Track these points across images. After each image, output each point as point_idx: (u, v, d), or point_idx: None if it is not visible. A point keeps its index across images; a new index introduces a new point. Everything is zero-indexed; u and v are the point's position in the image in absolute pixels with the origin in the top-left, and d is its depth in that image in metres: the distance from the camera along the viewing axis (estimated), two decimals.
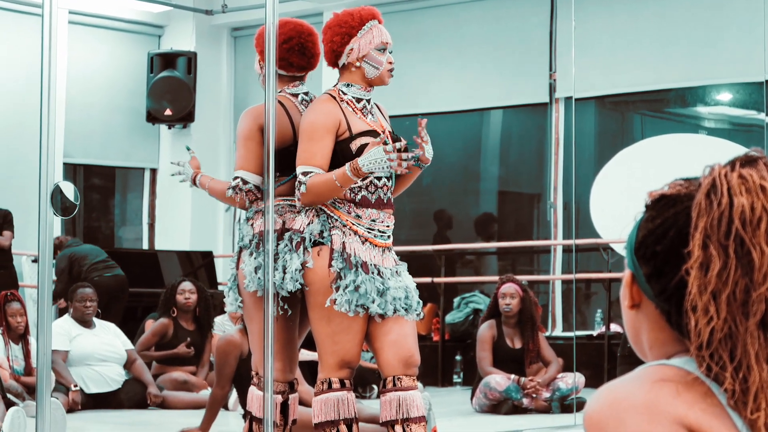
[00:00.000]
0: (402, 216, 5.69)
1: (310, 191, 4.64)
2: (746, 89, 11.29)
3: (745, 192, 1.52)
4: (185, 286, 9.41)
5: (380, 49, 4.83)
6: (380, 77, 4.85)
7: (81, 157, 12.92)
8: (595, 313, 11.06)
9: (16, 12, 12.02)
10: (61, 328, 8.84)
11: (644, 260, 1.60)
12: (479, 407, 8.63)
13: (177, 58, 12.72)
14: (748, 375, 1.50)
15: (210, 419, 7.15)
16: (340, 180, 4.64)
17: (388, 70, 4.85)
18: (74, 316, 8.96)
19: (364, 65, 4.82)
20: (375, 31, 4.83)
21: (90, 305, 8.97)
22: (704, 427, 1.48)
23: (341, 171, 4.63)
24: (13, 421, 6.18)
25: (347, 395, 4.73)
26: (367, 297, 4.65)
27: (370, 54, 4.81)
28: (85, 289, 9.03)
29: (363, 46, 4.81)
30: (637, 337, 1.66)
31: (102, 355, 8.89)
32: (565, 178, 11.38)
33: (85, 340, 8.89)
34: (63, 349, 8.75)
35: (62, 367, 8.62)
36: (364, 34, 4.81)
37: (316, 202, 4.70)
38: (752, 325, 1.51)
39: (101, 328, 9.10)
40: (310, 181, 4.64)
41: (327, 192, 4.66)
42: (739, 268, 1.51)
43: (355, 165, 4.61)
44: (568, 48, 10.37)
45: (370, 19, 4.84)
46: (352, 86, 4.85)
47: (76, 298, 8.95)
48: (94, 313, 9.04)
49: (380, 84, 4.87)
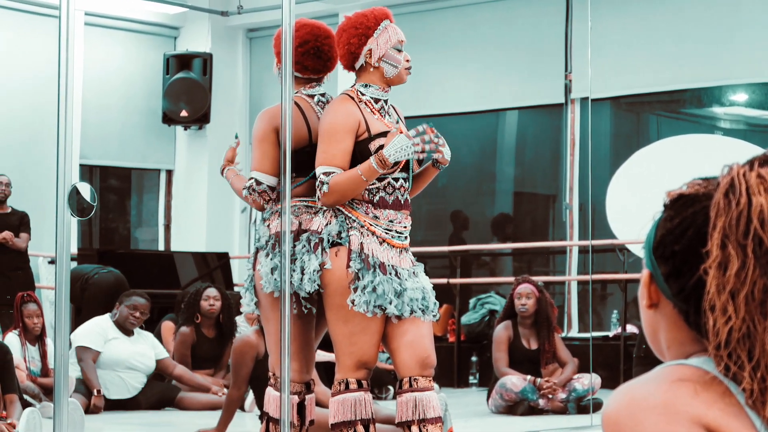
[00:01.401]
0: (418, 217, 5.69)
1: (334, 190, 4.64)
2: (762, 89, 11.27)
3: (764, 191, 1.52)
4: (210, 293, 9.32)
5: (397, 48, 4.84)
6: (399, 75, 4.85)
7: (97, 159, 12.95)
8: (612, 314, 11.05)
9: (33, 14, 12.06)
10: (99, 327, 8.74)
11: (663, 260, 1.60)
12: (495, 408, 8.62)
13: (193, 60, 12.75)
14: (767, 374, 1.50)
15: (226, 420, 7.17)
16: (365, 173, 4.64)
17: (406, 68, 4.87)
18: (116, 321, 8.83)
19: (383, 65, 4.82)
20: (390, 30, 4.84)
21: (139, 317, 8.82)
22: (723, 426, 1.48)
23: (366, 164, 4.64)
24: (28, 422, 6.19)
25: (364, 396, 4.73)
26: (384, 298, 4.65)
27: (388, 53, 4.82)
28: (140, 299, 8.86)
29: (381, 45, 4.81)
30: (654, 337, 1.66)
31: (131, 364, 8.77)
32: (580, 179, 11.37)
33: (119, 346, 8.77)
34: (96, 349, 8.67)
35: (90, 368, 8.55)
36: (381, 34, 4.82)
37: (339, 201, 4.70)
38: None
39: (139, 336, 8.96)
40: (333, 181, 4.64)
41: (352, 188, 4.66)
42: (757, 268, 1.51)
43: (381, 156, 4.63)
44: (583, 49, 10.35)
45: (384, 19, 4.85)
46: (371, 87, 4.85)
47: (127, 304, 8.80)
48: (137, 325, 8.89)
49: (399, 83, 4.87)
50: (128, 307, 8.79)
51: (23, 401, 7.40)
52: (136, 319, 8.84)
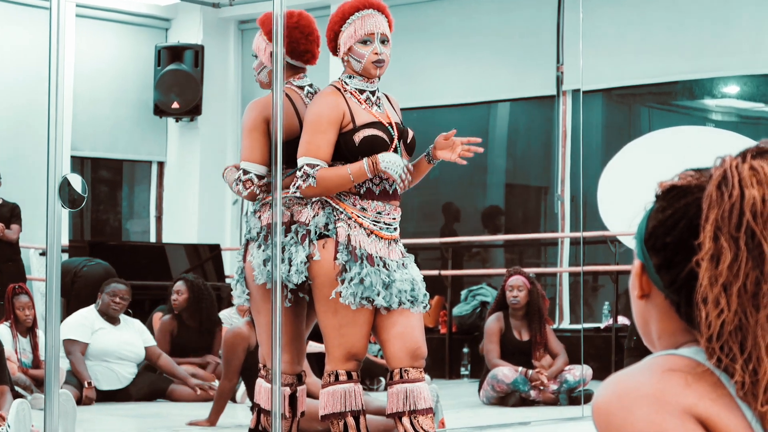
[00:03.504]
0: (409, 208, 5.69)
1: (320, 184, 4.64)
2: (754, 81, 11.28)
3: (756, 184, 1.52)
4: (176, 286, 9.34)
5: (363, 41, 4.80)
6: (365, 69, 4.81)
7: (88, 150, 12.93)
8: (603, 306, 11.06)
9: (23, 5, 12.02)
10: (84, 318, 8.74)
11: (654, 251, 1.60)
12: (487, 399, 8.63)
13: (184, 51, 12.72)
14: (759, 367, 1.50)
15: (218, 411, 7.17)
16: (354, 174, 4.64)
17: (373, 61, 4.79)
18: (100, 309, 8.84)
19: (350, 59, 4.82)
20: (357, 24, 4.78)
21: (120, 302, 8.82)
22: (713, 417, 1.48)
23: (358, 165, 4.65)
24: (18, 414, 6.18)
25: (354, 387, 4.73)
26: (372, 289, 4.65)
27: (353, 48, 4.80)
28: (118, 285, 8.88)
29: (345, 40, 4.80)
30: (645, 327, 1.66)
31: (120, 354, 8.79)
32: (572, 171, 11.37)
33: (107, 336, 8.78)
34: (83, 341, 8.66)
35: (79, 360, 8.55)
36: (346, 29, 4.81)
37: (321, 195, 4.70)
38: (763, 317, 1.51)
39: (126, 324, 8.97)
40: (320, 175, 4.64)
41: (337, 185, 4.66)
42: (750, 261, 1.50)
43: (374, 160, 4.64)
44: (575, 40, 10.34)
45: (353, 13, 4.82)
46: (354, 78, 4.85)
47: (108, 291, 8.81)
48: (121, 311, 8.89)
49: (371, 77, 4.83)
50: (108, 294, 8.81)
51: (15, 393, 7.39)
52: (118, 305, 8.84)
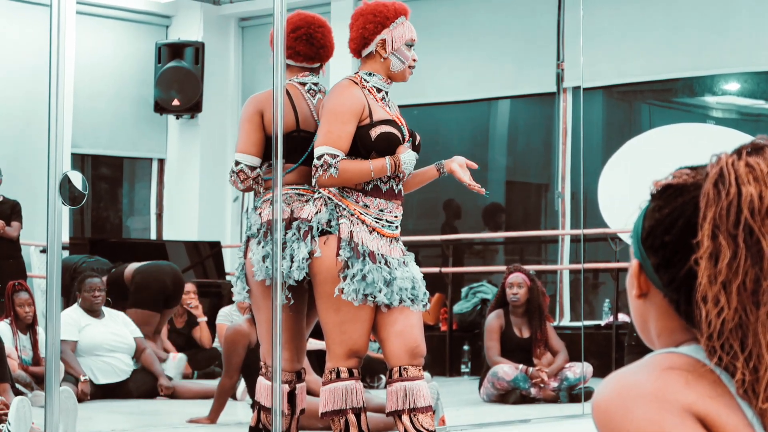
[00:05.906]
0: (410, 206, 5.69)
1: (342, 176, 4.66)
2: (754, 79, 11.27)
3: (753, 181, 1.52)
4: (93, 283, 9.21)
5: (409, 45, 4.86)
6: (402, 72, 4.87)
7: (89, 148, 12.93)
8: (603, 303, 11.06)
9: (24, 2, 12.02)
10: (70, 318, 8.81)
11: (652, 250, 1.60)
12: (487, 397, 8.63)
13: (185, 49, 12.72)
14: (759, 364, 1.50)
15: (218, 409, 7.17)
16: (376, 171, 4.68)
17: (411, 66, 4.89)
18: (83, 306, 8.93)
19: (392, 58, 4.84)
20: (407, 26, 4.87)
21: (98, 295, 8.93)
22: (713, 415, 1.48)
23: (380, 164, 4.68)
24: (18, 411, 6.18)
25: (355, 385, 4.73)
26: (374, 286, 4.65)
27: (400, 48, 4.84)
28: (93, 279, 8.99)
29: (396, 38, 4.83)
30: (644, 326, 1.66)
31: (111, 346, 8.88)
32: (572, 168, 11.37)
33: (94, 330, 8.86)
34: (72, 339, 8.73)
35: (71, 357, 8.61)
36: (397, 27, 4.84)
37: (338, 186, 4.71)
38: (763, 314, 1.51)
39: (110, 317, 9.07)
40: (342, 167, 4.65)
41: (356, 179, 4.70)
42: (748, 258, 1.50)
43: (397, 161, 4.68)
44: (576, 37, 10.35)
45: (402, 14, 4.87)
46: (375, 76, 4.86)
47: (85, 288, 8.91)
48: (102, 303, 9.00)
49: (401, 80, 4.90)
50: (87, 291, 8.92)
51: (15, 390, 7.40)
52: (98, 298, 8.94)
